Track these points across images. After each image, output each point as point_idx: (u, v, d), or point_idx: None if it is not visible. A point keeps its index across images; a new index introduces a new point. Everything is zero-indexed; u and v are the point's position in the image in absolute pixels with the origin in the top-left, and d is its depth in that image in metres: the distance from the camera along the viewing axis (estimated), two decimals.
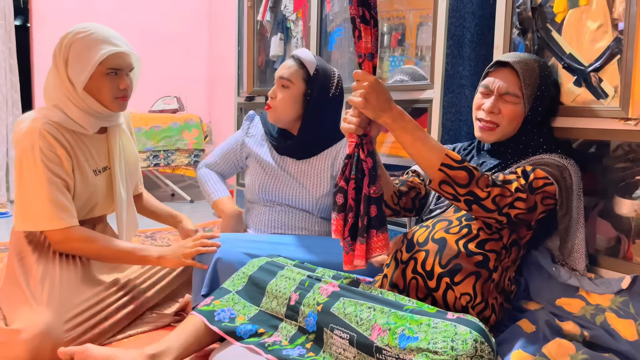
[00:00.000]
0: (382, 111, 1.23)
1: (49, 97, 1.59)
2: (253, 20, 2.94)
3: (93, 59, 1.50)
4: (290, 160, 1.82)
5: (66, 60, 1.53)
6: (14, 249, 1.59)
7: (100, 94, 1.55)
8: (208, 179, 1.90)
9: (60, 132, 1.52)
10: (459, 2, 1.87)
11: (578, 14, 1.45)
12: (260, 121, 1.93)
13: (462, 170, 1.23)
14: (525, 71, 1.38)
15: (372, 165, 1.26)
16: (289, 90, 1.73)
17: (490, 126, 1.42)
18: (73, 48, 1.52)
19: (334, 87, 1.77)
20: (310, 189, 1.78)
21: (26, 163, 1.48)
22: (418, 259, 1.30)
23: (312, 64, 1.74)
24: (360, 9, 1.21)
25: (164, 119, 3.96)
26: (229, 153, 1.92)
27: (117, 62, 1.54)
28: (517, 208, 1.27)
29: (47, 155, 1.48)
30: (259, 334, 1.33)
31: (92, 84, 1.54)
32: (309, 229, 1.80)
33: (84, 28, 1.53)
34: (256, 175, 1.83)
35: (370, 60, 1.25)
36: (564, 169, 1.33)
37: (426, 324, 1.12)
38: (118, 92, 1.57)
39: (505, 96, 1.40)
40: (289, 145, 1.80)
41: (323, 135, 1.80)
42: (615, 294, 1.32)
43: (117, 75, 1.56)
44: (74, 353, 1.26)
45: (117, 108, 1.60)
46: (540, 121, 1.43)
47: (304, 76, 1.74)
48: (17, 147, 1.51)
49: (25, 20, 4.30)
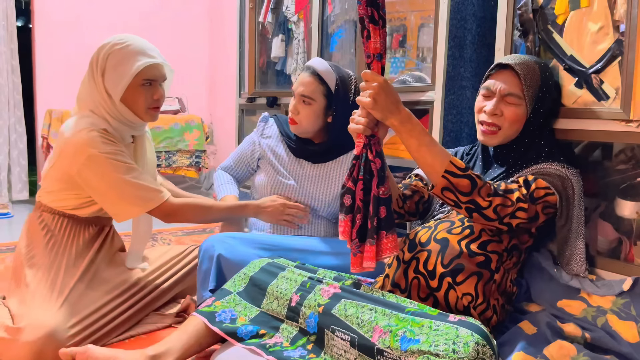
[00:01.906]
0: (390, 113, 1.23)
1: (84, 105, 1.61)
2: (254, 21, 2.95)
3: (130, 70, 1.53)
4: (306, 163, 1.82)
5: (103, 71, 1.56)
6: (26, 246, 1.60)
7: (135, 105, 1.58)
8: (218, 180, 1.93)
9: (113, 136, 1.56)
10: (461, 4, 1.87)
11: (579, 15, 1.45)
12: (275, 123, 1.93)
13: (465, 178, 1.23)
14: (527, 73, 1.38)
15: (381, 166, 1.26)
16: (311, 107, 1.74)
17: (492, 129, 1.41)
18: (110, 59, 1.55)
19: (353, 92, 1.77)
20: (323, 192, 1.78)
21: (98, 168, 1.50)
22: (420, 259, 1.30)
23: (332, 79, 1.73)
24: (369, 9, 1.21)
25: (165, 120, 3.96)
26: (242, 156, 1.93)
27: (152, 73, 1.58)
28: (518, 218, 1.27)
29: (116, 153, 1.52)
30: (260, 335, 1.33)
31: (128, 94, 1.57)
32: (316, 230, 1.81)
33: (121, 40, 1.56)
34: (270, 176, 1.83)
35: (379, 61, 1.25)
36: (566, 179, 1.33)
37: (428, 327, 1.12)
38: (152, 102, 1.60)
39: (507, 98, 1.40)
40: (309, 150, 1.80)
41: (342, 140, 1.80)
42: (617, 296, 1.32)
43: (151, 86, 1.59)
44: (76, 354, 1.26)
45: (149, 118, 1.63)
46: (542, 123, 1.43)
47: (324, 92, 1.74)
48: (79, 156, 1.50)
49: (27, 21, 4.31)
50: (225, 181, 1.91)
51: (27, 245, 1.59)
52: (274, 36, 2.81)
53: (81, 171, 1.51)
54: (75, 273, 1.54)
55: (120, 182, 1.51)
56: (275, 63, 2.85)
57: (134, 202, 1.54)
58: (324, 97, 1.74)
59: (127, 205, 1.54)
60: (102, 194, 1.55)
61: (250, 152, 1.92)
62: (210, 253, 1.56)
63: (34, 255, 1.57)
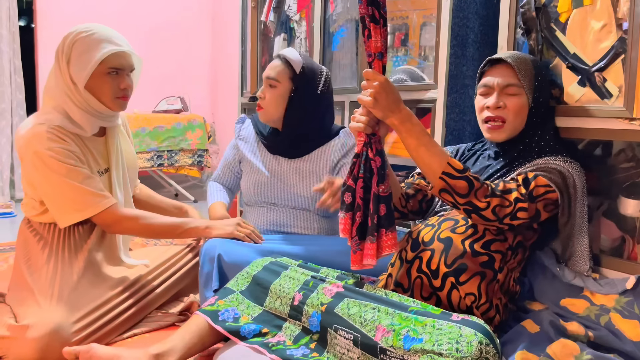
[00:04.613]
0: (391, 112, 1.23)
1: (50, 96, 1.60)
2: (256, 20, 2.95)
3: (94, 58, 1.53)
4: (283, 160, 1.82)
5: (68, 59, 1.55)
6: (22, 250, 1.60)
7: (101, 93, 1.57)
8: (208, 191, 1.94)
9: (65, 134, 1.53)
10: (463, 2, 1.86)
11: (582, 13, 1.44)
12: (251, 123, 1.93)
13: (462, 180, 1.23)
14: (520, 63, 1.40)
15: (381, 164, 1.27)
16: (276, 90, 1.75)
17: (498, 124, 1.41)
18: (75, 47, 1.54)
19: (322, 84, 1.78)
20: (305, 187, 1.78)
21: (42, 166, 1.49)
22: (423, 258, 1.30)
23: (297, 62, 1.75)
24: (370, 9, 1.22)
25: (167, 120, 3.97)
26: (226, 163, 1.95)
27: (118, 62, 1.57)
28: (519, 218, 1.27)
29: (60, 152, 1.50)
30: (262, 333, 1.33)
31: (94, 82, 1.56)
32: (309, 227, 1.81)
33: (86, 28, 1.56)
34: (251, 177, 1.84)
35: (380, 60, 1.25)
36: (568, 175, 1.32)
37: (431, 326, 1.12)
38: (119, 91, 1.59)
39: (506, 89, 1.40)
40: (279, 143, 1.81)
41: (313, 132, 1.80)
42: (620, 295, 1.31)
43: (118, 75, 1.58)
44: (79, 352, 1.27)
45: (117, 107, 1.62)
46: (544, 115, 1.43)
47: (290, 75, 1.75)
48: (26, 152, 1.51)
49: (30, 21, 4.32)
50: (214, 190, 1.93)
51: (23, 251, 1.60)
52: (276, 35, 2.81)
53: (28, 168, 1.51)
54: (74, 271, 1.54)
55: (61, 184, 1.49)
56: None
57: (73, 207, 1.52)
58: (289, 80, 1.75)
59: (67, 209, 1.52)
60: (45, 195, 1.53)
61: (232, 157, 1.93)
62: (211, 255, 1.56)
63: (29, 258, 1.57)
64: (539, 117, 1.42)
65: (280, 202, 1.81)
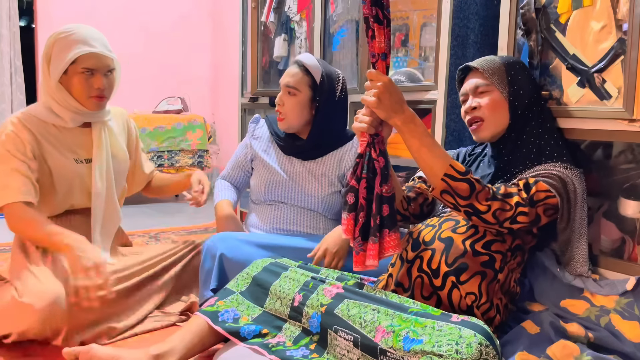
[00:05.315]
0: (394, 112, 1.24)
1: (41, 93, 1.70)
2: (257, 21, 2.95)
3: (66, 58, 1.60)
4: (296, 161, 1.83)
5: (49, 58, 1.64)
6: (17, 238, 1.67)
7: (75, 92, 1.64)
8: (216, 189, 1.95)
9: (32, 122, 1.62)
10: (463, 3, 1.87)
11: (582, 14, 1.44)
12: (265, 123, 1.94)
13: (464, 182, 1.24)
14: (485, 64, 1.45)
15: (384, 165, 1.27)
16: (296, 98, 1.75)
17: (478, 123, 1.45)
18: (55, 47, 1.63)
19: (340, 90, 1.78)
20: (316, 189, 1.79)
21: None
22: (424, 258, 1.30)
23: (317, 70, 1.75)
24: (374, 9, 1.22)
25: (167, 120, 3.97)
26: (237, 161, 1.95)
27: (91, 62, 1.62)
28: (519, 222, 1.27)
29: (10, 138, 1.57)
30: (262, 334, 1.33)
31: (69, 81, 1.63)
32: (315, 227, 1.81)
33: (67, 29, 1.64)
34: (262, 175, 1.84)
35: (384, 60, 1.25)
36: (568, 182, 1.32)
37: (431, 327, 1.12)
38: (93, 90, 1.64)
39: (477, 90, 1.45)
40: (297, 146, 1.82)
41: (331, 137, 1.81)
42: (620, 296, 1.31)
43: (92, 75, 1.64)
44: (79, 353, 1.27)
45: (92, 107, 1.67)
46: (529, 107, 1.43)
47: (309, 83, 1.75)
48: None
49: (30, 21, 4.32)
50: (222, 188, 1.93)
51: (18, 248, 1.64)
52: (277, 36, 2.81)
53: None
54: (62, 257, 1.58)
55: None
56: (277, 63, 2.85)
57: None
58: (309, 88, 1.76)
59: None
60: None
61: (244, 155, 1.93)
62: (213, 252, 1.57)
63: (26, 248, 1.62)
64: (524, 110, 1.43)
65: (289, 201, 1.82)
